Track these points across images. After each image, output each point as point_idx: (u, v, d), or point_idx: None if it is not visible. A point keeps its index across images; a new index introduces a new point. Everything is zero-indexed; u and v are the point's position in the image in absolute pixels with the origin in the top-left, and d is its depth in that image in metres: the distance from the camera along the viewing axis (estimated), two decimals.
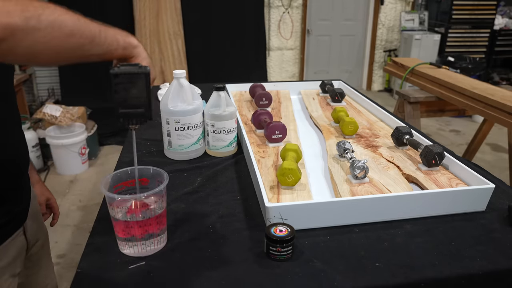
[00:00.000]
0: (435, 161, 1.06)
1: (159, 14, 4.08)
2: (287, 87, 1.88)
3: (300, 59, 5.31)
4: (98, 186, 2.98)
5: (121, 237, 0.77)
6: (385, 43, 5.53)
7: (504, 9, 5.26)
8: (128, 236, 0.75)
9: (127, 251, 0.78)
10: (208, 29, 4.39)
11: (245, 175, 1.11)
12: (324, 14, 5.26)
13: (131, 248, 0.77)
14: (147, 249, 0.77)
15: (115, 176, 0.79)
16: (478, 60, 4.53)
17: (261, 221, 0.89)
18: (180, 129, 1.14)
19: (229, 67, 4.56)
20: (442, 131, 4.27)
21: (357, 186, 0.99)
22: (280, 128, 1.24)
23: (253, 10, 4.59)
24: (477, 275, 0.75)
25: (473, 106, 2.06)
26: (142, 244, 0.76)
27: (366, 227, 0.88)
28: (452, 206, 0.92)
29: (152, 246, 0.78)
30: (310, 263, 0.76)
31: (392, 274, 0.74)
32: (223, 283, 0.71)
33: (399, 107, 2.53)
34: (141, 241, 0.76)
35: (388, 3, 5.35)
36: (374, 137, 1.31)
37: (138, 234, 0.75)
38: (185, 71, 1.78)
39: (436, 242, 0.83)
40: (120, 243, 0.79)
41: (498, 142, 3.88)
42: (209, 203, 0.97)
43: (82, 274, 0.73)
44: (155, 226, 0.76)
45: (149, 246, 0.77)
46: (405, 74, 2.63)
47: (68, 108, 3.24)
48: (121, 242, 0.78)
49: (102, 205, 0.94)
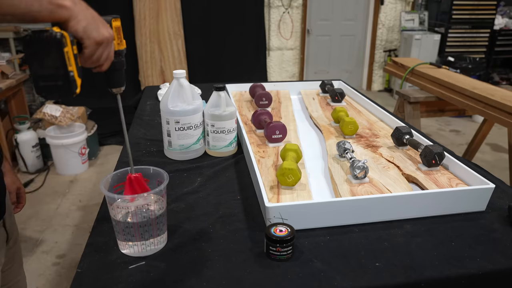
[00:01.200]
0: (435, 161, 1.06)
1: (159, 14, 4.08)
2: (287, 87, 1.88)
3: (300, 59, 5.31)
4: (98, 186, 2.98)
5: (121, 237, 0.77)
6: (385, 43, 5.54)
7: (504, 9, 5.26)
8: (128, 236, 0.75)
9: (127, 251, 0.78)
10: (208, 29, 4.40)
11: (245, 175, 1.11)
12: (324, 14, 5.26)
13: (131, 248, 0.77)
14: (147, 249, 0.77)
15: (115, 176, 0.79)
16: (478, 60, 4.53)
17: (261, 221, 0.89)
18: (180, 129, 1.14)
19: (229, 67, 4.56)
20: (442, 131, 4.27)
21: (357, 186, 0.99)
22: (280, 128, 1.24)
23: (253, 10, 4.59)
24: (477, 275, 0.75)
25: (473, 106, 2.06)
26: (142, 244, 0.76)
27: (366, 227, 0.88)
28: (452, 206, 0.92)
29: (152, 246, 0.78)
30: (310, 263, 0.76)
31: (392, 274, 0.74)
32: (223, 283, 0.71)
33: (399, 107, 2.53)
34: (141, 241, 0.76)
35: (388, 3, 5.35)
36: (374, 137, 1.31)
37: (138, 235, 0.75)
38: (185, 71, 1.78)
39: (436, 242, 0.83)
40: (120, 243, 0.79)
41: (498, 142, 3.88)
42: (209, 203, 0.97)
43: (82, 274, 0.73)
44: (155, 226, 0.76)
45: (149, 246, 0.77)
46: (405, 74, 2.63)
47: (68, 108, 3.24)
48: (121, 242, 0.78)
49: (102, 205, 0.94)
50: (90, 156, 3.33)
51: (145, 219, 0.75)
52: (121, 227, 0.75)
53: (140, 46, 4.10)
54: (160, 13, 4.08)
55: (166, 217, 0.81)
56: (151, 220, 0.75)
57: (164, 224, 0.80)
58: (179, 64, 4.25)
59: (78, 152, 3.12)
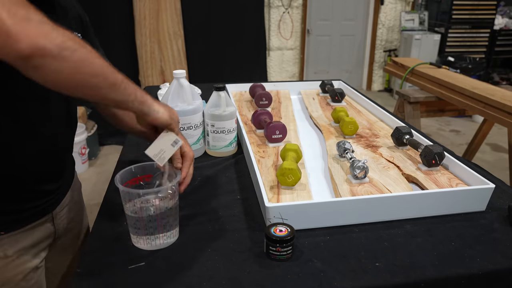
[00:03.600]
0: (435, 161, 1.06)
1: (159, 14, 4.08)
2: (287, 87, 1.88)
3: (300, 59, 5.31)
4: (98, 186, 2.99)
5: (142, 231, 0.78)
6: (385, 43, 5.53)
7: (504, 9, 5.27)
8: (151, 230, 0.77)
9: (147, 245, 0.79)
10: (208, 29, 4.39)
11: (245, 175, 1.11)
12: (324, 14, 5.26)
13: (151, 242, 0.79)
14: (163, 242, 0.80)
15: (122, 175, 0.81)
16: (478, 60, 4.54)
17: (261, 221, 0.89)
18: (180, 129, 1.14)
19: (229, 67, 4.56)
20: (442, 131, 4.27)
21: (357, 186, 0.99)
22: (280, 128, 1.24)
23: (253, 10, 4.58)
24: (477, 275, 0.75)
25: (473, 106, 2.06)
26: (164, 235, 0.79)
27: (366, 227, 0.88)
28: (452, 206, 0.92)
29: (169, 239, 0.81)
30: (310, 263, 0.76)
31: (392, 274, 0.74)
32: (223, 283, 0.71)
33: (399, 107, 2.53)
34: (163, 232, 0.79)
35: (388, 3, 5.35)
36: (374, 137, 1.31)
37: (159, 228, 0.77)
38: (185, 71, 1.78)
39: (436, 242, 0.83)
40: (133, 237, 0.80)
41: (498, 142, 3.88)
42: (209, 203, 0.97)
43: (82, 274, 0.73)
44: (174, 217, 0.80)
45: (170, 238, 0.81)
46: (405, 74, 2.63)
47: None
48: (139, 237, 0.79)
49: (102, 205, 0.94)
50: (90, 156, 3.33)
51: (164, 211, 0.78)
52: (143, 223, 0.77)
53: (140, 46, 4.10)
54: (160, 13, 4.08)
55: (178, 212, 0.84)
56: (170, 212, 0.79)
57: (177, 217, 0.83)
58: (179, 64, 4.24)
59: (78, 152, 3.12)
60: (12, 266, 0.85)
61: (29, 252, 0.88)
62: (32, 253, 0.89)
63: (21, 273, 0.87)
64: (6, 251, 0.83)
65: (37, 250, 0.91)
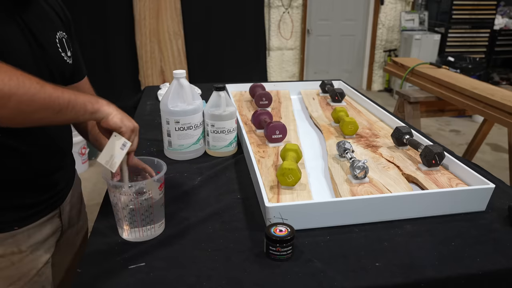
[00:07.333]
0: (435, 161, 1.06)
1: (159, 14, 4.08)
2: (287, 87, 1.88)
3: (300, 59, 5.31)
4: (98, 186, 2.99)
5: (123, 222, 0.81)
6: (385, 43, 5.53)
7: (504, 9, 5.27)
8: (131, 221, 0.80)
9: (128, 236, 0.82)
10: (208, 29, 4.39)
11: (245, 175, 1.11)
12: (324, 14, 5.26)
13: (133, 233, 0.81)
14: (147, 234, 0.82)
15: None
16: (478, 60, 4.54)
17: (261, 221, 0.89)
18: (180, 129, 1.14)
19: (229, 67, 4.56)
20: (442, 131, 4.27)
21: (357, 186, 0.99)
22: (280, 128, 1.24)
23: (253, 10, 4.59)
24: (477, 275, 0.75)
25: (473, 106, 2.06)
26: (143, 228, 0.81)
27: (366, 227, 0.88)
28: (452, 206, 0.92)
29: (152, 231, 0.83)
30: (310, 263, 0.76)
31: (392, 274, 0.74)
32: (223, 283, 0.71)
33: (399, 107, 2.53)
34: (142, 227, 0.81)
35: (388, 3, 5.35)
36: (374, 137, 1.31)
37: (140, 220, 0.80)
38: (185, 71, 1.78)
39: (436, 242, 0.83)
40: (120, 229, 0.83)
41: (498, 142, 3.88)
42: (209, 203, 0.97)
43: (82, 274, 0.73)
44: (155, 212, 0.81)
45: (149, 231, 0.82)
46: (405, 74, 2.63)
47: None
48: (123, 228, 0.82)
49: (102, 205, 0.94)
50: (90, 156, 3.33)
51: (145, 205, 0.80)
52: (124, 213, 0.80)
53: (140, 46, 4.10)
54: (160, 13, 4.08)
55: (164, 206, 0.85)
56: (151, 205, 0.81)
57: (163, 211, 0.85)
58: (179, 64, 4.24)
59: (78, 152, 3.12)
60: (27, 261, 0.88)
61: (41, 247, 0.91)
62: (43, 248, 0.92)
63: (35, 268, 0.90)
64: (20, 246, 0.86)
65: (48, 246, 0.94)
